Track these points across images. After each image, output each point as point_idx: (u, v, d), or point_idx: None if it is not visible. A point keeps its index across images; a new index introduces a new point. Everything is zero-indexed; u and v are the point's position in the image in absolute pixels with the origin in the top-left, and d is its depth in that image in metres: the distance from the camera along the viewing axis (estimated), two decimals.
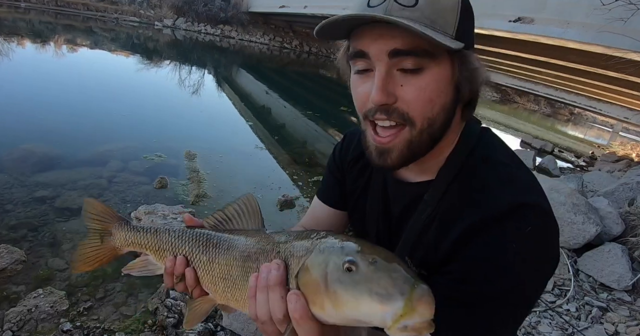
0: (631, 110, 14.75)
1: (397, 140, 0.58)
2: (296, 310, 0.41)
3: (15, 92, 4.70)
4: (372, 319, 0.35)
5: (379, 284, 0.35)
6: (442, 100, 0.57)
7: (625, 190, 3.40)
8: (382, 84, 0.55)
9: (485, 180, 0.58)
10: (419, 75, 0.55)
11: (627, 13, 4.75)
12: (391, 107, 0.57)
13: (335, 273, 0.38)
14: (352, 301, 0.36)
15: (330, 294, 0.37)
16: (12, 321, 1.44)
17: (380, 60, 0.56)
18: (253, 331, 1.48)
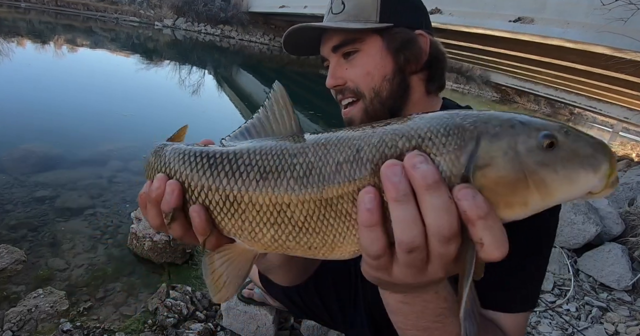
0: (631, 110, 14.76)
1: (355, 110, 0.76)
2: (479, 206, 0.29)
3: (15, 92, 4.70)
4: (585, 191, 0.31)
5: (585, 153, 0.31)
6: (380, 71, 0.73)
7: (625, 190, 3.40)
8: (332, 72, 0.77)
9: None
10: (355, 57, 0.74)
11: (627, 13, 4.75)
12: (343, 88, 0.76)
13: (536, 155, 0.31)
14: (567, 182, 0.31)
15: (537, 183, 0.30)
16: (12, 321, 1.44)
17: (329, 57, 0.78)
18: (253, 331, 1.48)
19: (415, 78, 0.76)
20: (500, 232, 0.30)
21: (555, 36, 6.66)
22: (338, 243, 0.36)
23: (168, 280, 1.85)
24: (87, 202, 2.48)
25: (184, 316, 1.56)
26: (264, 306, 1.48)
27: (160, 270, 1.92)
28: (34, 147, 3.14)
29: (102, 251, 2.01)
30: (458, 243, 0.32)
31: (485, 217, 0.30)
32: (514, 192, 0.31)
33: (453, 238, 0.31)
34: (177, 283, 1.75)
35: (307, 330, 1.54)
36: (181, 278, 1.87)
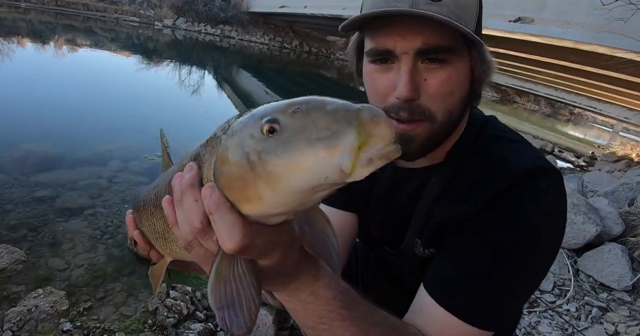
0: (631, 110, 14.76)
1: (420, 130, 0.58)
2: (211, 202, 0.31)
3: (15, 92, 4.70)
4: (327, 174, 0.26)
5: (316, 127, 0.26)
6: (461, 93, 0.59)
7: (625, 190, 3.40)
8: (409, 77, 0.55)
9: (501, 154, 0.61)
10: (442, 69, 0.56)
11: (627, 13, 4.75)
12: (414, 103, 0.57)
13: (256, 144, 0.28)
14: (293, 165, 0.26)
15: (261, 174, 0.28)
16: (12, 321, 1.44)
17: (407, 56, 0.56)
18: (253, 331, 1.48)
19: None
20: (230, 225, 0.31)
21: (555, 36, 6.66)
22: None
23: (168, 280, 1.85)
24: (87, 202, 2.48)
25: (184, 316, 1.56)
26: (264, 306, 1.48)
27: None
28: (34, 147, 3.14)
29: (102, 251, 2.01)
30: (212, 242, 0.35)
31: (215, 211, 0.31)
32: (245, 185, 0.29)
33: (205, 232, 0.34)
34: (177, 283, 1.75)
35: None
36: (181, 278, 1.87)
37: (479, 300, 0.54)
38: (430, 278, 0.59)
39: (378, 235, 0.79)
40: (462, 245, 0.58)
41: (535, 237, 0.55)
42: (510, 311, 0.58)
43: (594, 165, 8.41)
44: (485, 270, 0.54)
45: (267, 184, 0.28)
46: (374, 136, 0.26)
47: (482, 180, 0.59)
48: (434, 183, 0.65)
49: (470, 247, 0.56)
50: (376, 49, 0.58)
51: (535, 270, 0.57)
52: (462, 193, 0.60)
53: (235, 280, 0.32)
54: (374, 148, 0.25)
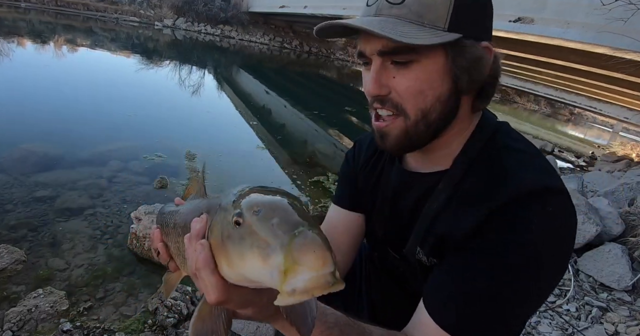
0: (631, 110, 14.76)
1: (393, 126, 0.61)
2: (197, 259, 0.37)
3: (16, 92, 4.70)
4: (261, 278, 0.30)
5: (260, 236, 0.29)
6: (435, 92, 0.59)
7: (625, 190, 3.40)
8: (375, 77, 0.59)
9: (507, 166, 0.59)
10: (408, 68, 0.58)
11: (627, 13, 4.75)
12: (385, 98, 0.60)
13: (227, 229, 0.33)
14: (239, 258, 0.31)
15: (223, 251, 0.34)
16: (12, 321, 1.44)
17: (374, 58, 0.60)
18: (253, 331, 1.48)
19: (467, 96, 0.63)
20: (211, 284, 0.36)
21: (555, 36, 6.66)
22: None
23: None
24: (87, 202, 2.48)
25: (184, 316, 1.56)
26: None
27: (160, 270, 1.92)
28: (34, 147, 3.14)
29: (102, 251, 2.01)
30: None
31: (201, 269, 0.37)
32: (217, 255, 0.35)
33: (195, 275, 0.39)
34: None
35: None
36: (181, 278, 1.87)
37: (474, 321, 0.54)
38: (429, 294, 0.60)
39: (382, 236, 0.79)
40: (462, 263, 0.57)
41: (538, 262, 0.53)
42: (506, 332, 0.57)
43: (594, 165, 8.41)
44: (483, 292, 0.54)
45: (225, 260, 0.34)
46: (299, 265, 0.26)
47: (484, 194, 0.57)
48: (439, 191, 0.64)
49: (469, 267, 0.55)
50: (358, 52, 0.63)
51: (535, 294, 0.55)
52: (465, 206, 0.59)
53: (212, 320, 0.39)
54: (297, 277, 0.26)
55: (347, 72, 19.46)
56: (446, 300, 0.56)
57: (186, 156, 3.67)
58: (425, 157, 0.68)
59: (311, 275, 0.26)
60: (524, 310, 0.56)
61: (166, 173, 3.14)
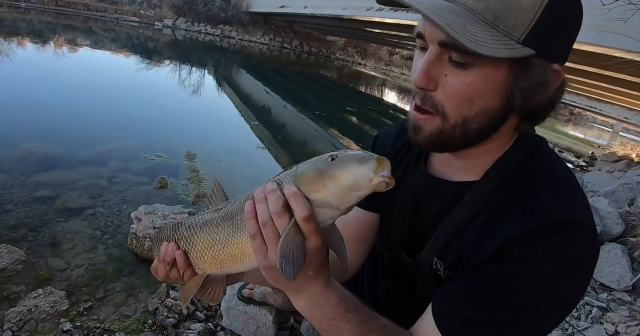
0: (631, 110, 14.77)
1: (429, 122, 0.58)
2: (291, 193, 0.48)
3: (16, 92, 4.70)
4: (362, 178, 0.47)
5: (355, 158, 0.48)
6: (484, 103, 0.54)
7: (625, 190, 3.40)
8: (426, 68, 0.54)
9: (537, 189, 0.56)
10: (465, 71, 0.52)
11: (627, 13, 4.75)
12: (428, 94, 0.56)
13: (325, 163, 0.50)
14: (346, 172, 0.48)
15: (328, 176, 0.48)
16: (12, 321, 1.44)
17: (432, 45, 0.54)
18: (253, 331, 1.48)
19: (514, 115, 0.58)
20: (303, 203, 0.48)
21: None
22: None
23: None
24: (87, 202, 2.48)
25: (184, 316, 1.56)
26: (264, 306, 1.48)
27: None
28: (34, 147, 3.14)
29: (102, 251, 2.01)
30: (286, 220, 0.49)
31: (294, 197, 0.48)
32: (315, 182, 0.49)
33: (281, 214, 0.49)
34: (177, 283, 1.75)
35: (307, 330, 1.54)
36: None
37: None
38: (439, 305, 0.60)
39: (397, 239, 0.78)
40: (477, 286, 0.56)
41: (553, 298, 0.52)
42: None
43: (594, 165, 8.41)
44: (491, 319, 0.54)
45: (332, 180, 0.48)
46: (383, 165, 0.47)
47: (510, 218, 0.55)
48: (465, 203, 0.62)
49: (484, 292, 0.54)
50: (416, 29, 0.57)
51: (544, 326, 0.55)
52: (489, 225, 0.57)
53: (294, 243, 0.49)
54: (383, 170, 0.47)
55: (347, 72, 19.46)
56: (455, 318, 0.57)
57: (186, 156, 3.67)
58: (455, 164, 0.65)
59: (387, 172, 0.47)
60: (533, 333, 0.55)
61: (166, 173, 3.14)
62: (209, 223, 0.59)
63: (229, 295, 1.58)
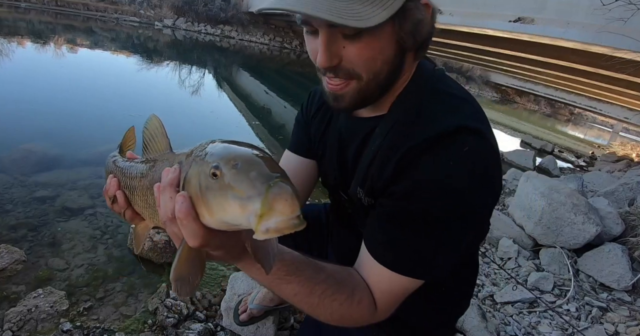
0: (631, 110, 14.77)
1: (348, 88, 0.63)
2: (180, 210, 0.40)
3: (16, 92, 4.70)
4: (240, 222, 0.35)
5: (239, 187, 0.34)
6: (384, 56, 0.61)
7: (625, 190, 3.40)
8: (325, 48, 0.59)
9: (431, 109, 0.63)
10: (359, 39, 0.58)
11: (627, 13, 4.75)
12: (337, 67, 0.61)
13: (204, 180, 0.37)
14: (219, 207, 0.36)
15: (203, 201, 0.38)
16: (12, 321, 1.44)
17: (321, 28, 0.59)
18: (253, 331, 1.48)
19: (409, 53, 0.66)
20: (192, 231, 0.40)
21: (555, 36, 6.66)
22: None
23: (168, 280, 1.84)
24: (87, 202, 2.48)
25: (184, 316, 1.56)
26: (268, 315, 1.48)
27: (160, 270, 1.92)
28: (34, 147, 3.14)
29: (102, 251, 2.01)
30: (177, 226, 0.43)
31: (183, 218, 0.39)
32: (197, 205, 0.39)
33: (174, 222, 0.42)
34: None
35: None
36: None
37: (405, 256, 0.61)
38: (367, 235, 0.67)
39: (333, 180, 0.85)
40: (389, 207, 0.63)
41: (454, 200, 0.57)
42: (438, 264, 0.63)
43: (594, 165, 8.41)
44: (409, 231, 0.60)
45: (206, 209, 0.38)
46: (273, 210, 0.32)
47: (408, 137, 0.61)
48: (377, 135, 0.68)
49: (395, 210, 0.61)
50: (300, 19, 0.61)
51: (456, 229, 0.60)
52: (390, 150, 0.64)
53: (190, 262, 0.44)
54: (270, 220, 0.32)
55: None
56: (379, 243, 0.64)
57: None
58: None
59: (282, 218, 0.32)
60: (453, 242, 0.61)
61: None
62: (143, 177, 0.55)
63: (229, 295, 1.58)
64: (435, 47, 14.75)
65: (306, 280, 0.59)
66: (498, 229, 2.70)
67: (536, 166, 6.50)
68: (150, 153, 0.59)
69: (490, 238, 2.74)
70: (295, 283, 0.58)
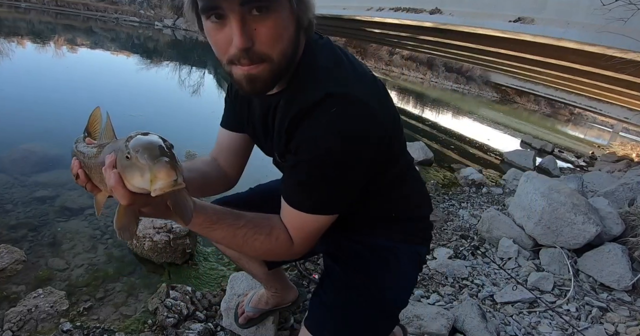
0: (631, 110, 14.78)
1: (261, 70, 0.68)
2: (112, 180, 0.54)
3: (15, 92, 4.70)
4: (142, 186, 0.52)
5: (140, 164, 0.51)
6: (288, 34, 0.68)
7: (625, 190, 3.40)
8: (241, 30, 0.63)
9: (305, 82, 0.73)
10: (267, 17, 0.63)
11: (627, 13, 4.75)
12: (251, 50, 0.65)
13: (122, 161, 0.54)
14: (131, 177, 0.53)
15: (123, 174, 0.54)
16: (12, 321, 1.44)
17: (233, 11, 0.62)
18: (253, 331, 1.48)
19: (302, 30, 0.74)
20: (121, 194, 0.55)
21: (555, 36, 6.66)
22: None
23: (168, 280, 1.85)
24: (87, 202, 2.48)
25: (184, 316, 1.56)
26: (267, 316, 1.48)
27: (160, 270, 1.92)
28: (34, 147, 3.14)
29: (102, 251, 2.01)
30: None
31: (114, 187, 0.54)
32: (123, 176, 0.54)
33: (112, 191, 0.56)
34: (177, 283, 1.75)
35: None
36: (181, 278, 1.87)
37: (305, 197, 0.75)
38: (281, 184, 0.80)
39: (267, 150, 0.96)
40: (289, 161, 0.76)
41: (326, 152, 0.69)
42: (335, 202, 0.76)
43: (594, 165, 8.41)
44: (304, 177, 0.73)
45: (125, 180, 0.54)
46: (157, 177, 0.50)
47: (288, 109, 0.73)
48: (281, 107, 0.78)
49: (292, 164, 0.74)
50: (205, 6, 0.64)
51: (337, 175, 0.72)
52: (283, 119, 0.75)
53: (126, 216, 0.59)
54: (157, 183, 0.50)
55: None
56: (288, 188, 0.77)
57: (186, 156, 3.67)
58: None
59: (164, 181, 0.50)
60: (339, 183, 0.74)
61: None
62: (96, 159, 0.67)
63: (228, 295, 1.58)
64: (435, 47, 14.75)
65: (227, 226, 0.73)
66: (498, 229, 2.70)
67: (536, 166, 6.49)
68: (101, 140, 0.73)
69: (490, 238, 2.74)
70: (219, 230, 0.72)
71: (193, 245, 2.03)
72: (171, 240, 1.94)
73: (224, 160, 1.06)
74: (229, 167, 1.07)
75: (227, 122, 1.05)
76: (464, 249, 2.58)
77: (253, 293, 1.52)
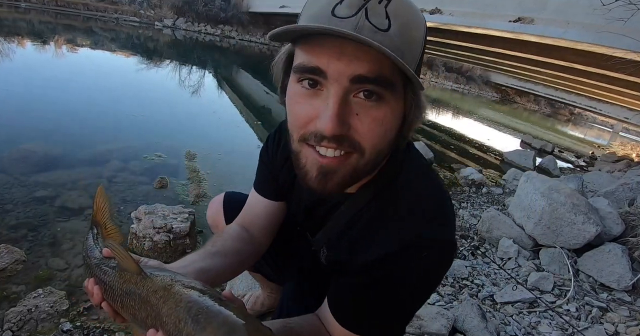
0: (631, 110, 14.78)
1: (345, 163, 0.54)
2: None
3: (15, 92, 4.70)
4: None
5: None
6: (392, 134, 0.56)
7: (625, 190, 3.40)
8: (338, 112, 0.49)
9: (398, 209, 0.64)
10: (378, 107, 0.51)
11: (627, 13, 4.75)
12: (342, 137, 0.51)
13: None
14: None
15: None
16: (12, 321, 1.44)
17: (338, 83, 0.48)
18: None
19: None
20: None
21: (555, 36, 6.66)
22: None
23: None
24: (87, 202, 2.48)
25: None
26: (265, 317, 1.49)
27: None
28: (34, 147, 3.14)
29: None
30: None
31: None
32: None
33: None
34: None
35: None
36: None
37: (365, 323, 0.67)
38: (331, 297, 0.72)
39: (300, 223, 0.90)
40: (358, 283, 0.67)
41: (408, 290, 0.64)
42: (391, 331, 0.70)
43: (594, 165, 8.41)
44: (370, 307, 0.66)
45: None
46: None
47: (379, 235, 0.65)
48: (342, 213, 0.71)
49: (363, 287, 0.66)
50: (304, 66, 0.50)
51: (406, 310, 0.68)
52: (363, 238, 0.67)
53: None
54: None
55: None
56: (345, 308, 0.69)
57: (186, 156, 3.67)
58: None
59: None
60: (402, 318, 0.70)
61: (166, 173, 3.14)
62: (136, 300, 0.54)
63: None
64: (435, 47, 14.75)
65: None
66: (498, 229, 2.70)
67: (536, 166, 6.49)
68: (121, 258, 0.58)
69: (490, 238, 2.74)
70: None
71: (193, 245, 2.03)
72: (171, 240, 1.94)
73: (259, 230, 0.91)
74: (263, 236, 0.93)
75: (263, 189, 0.91)
76: (464, 249, 2.58)
77: (250, 294, 1.52)
